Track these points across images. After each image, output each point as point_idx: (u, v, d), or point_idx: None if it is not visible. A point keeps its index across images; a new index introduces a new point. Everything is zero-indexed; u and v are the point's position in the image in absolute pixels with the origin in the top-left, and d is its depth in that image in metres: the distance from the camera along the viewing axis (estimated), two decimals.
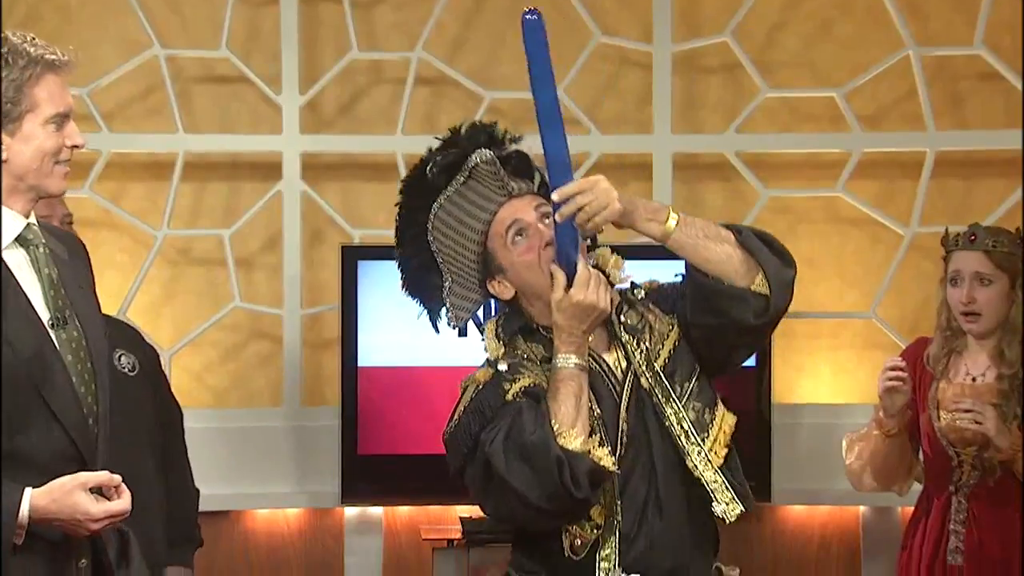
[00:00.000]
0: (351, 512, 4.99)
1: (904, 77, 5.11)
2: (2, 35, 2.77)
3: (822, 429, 4.94)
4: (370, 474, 4.81)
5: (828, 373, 5.16)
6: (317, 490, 4.97)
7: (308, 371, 5.08)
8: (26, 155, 2.77)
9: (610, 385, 3.04)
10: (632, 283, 3.15)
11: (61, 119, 2.80)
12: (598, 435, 2.96)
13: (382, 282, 4.81)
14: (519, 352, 3.05)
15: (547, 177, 3.01)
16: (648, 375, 3.03)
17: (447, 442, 3.05)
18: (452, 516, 4.83)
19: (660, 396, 3.02)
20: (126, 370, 3.77)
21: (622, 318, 3.07)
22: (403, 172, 5.03)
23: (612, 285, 3.04)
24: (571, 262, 2.96)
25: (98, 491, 2.72)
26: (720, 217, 5.11)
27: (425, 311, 3.15)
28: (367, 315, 4.79)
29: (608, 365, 3.05)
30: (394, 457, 4.76)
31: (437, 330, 3.15)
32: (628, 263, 3.11)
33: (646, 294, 3.14)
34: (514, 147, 3.12)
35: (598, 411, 2.99)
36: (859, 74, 5.10)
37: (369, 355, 4.78)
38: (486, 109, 5.05)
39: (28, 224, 2.81)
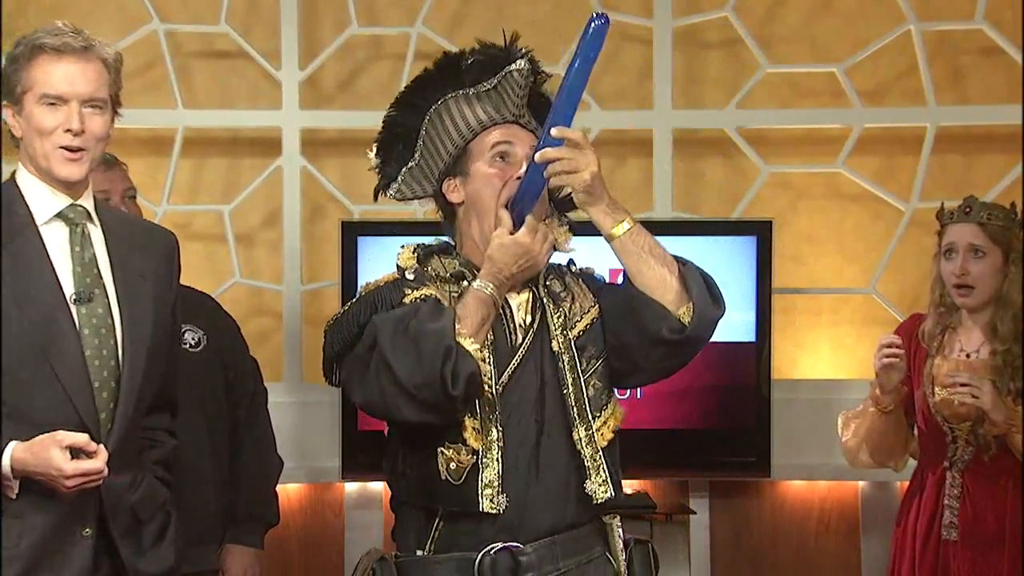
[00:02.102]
0: (351, 487, 5.00)
1: (905, 52, 5.10)
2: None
3: (822, 404, 4.94)
4: (370, 449, 4.78)
5: (828, 349, 5.16)
6: (318, 465, 4.98)
7: (308, 347, 5.08)
8: (27, 132, 2.96)
9: (506, 328, 3.04)
10: (571, 260, 3.18)
11: (53, 99, 2.94)
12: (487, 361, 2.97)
13: (382, 258, 4.80)
14: (429, 269, 3.07)
15: (551, 117, 2.97)
16: (561, 339, 3.05)
17: (328, 329, 3.04)
18: None
19: (566, 363, 3.04)
20: (188, 346, 3.95)
21: (547, 282, 3.09)
22: None
23: (555, 249, 3.06)
24: (522, 213, 2.99)
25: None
26: (721, 193, 5.16)
27: (378, 170, 3.15)
28: None
29: (511, 307, 3.06)
30: None
31: (376, 198, 3.17)
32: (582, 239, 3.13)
33: (581, 272, 3.18)
34: (543, 86, 3.14)
35: (491, 337, 3.00)
36: (860, 49, 5.09)
37: None
38: None
39: (72, 204, 2.98)
